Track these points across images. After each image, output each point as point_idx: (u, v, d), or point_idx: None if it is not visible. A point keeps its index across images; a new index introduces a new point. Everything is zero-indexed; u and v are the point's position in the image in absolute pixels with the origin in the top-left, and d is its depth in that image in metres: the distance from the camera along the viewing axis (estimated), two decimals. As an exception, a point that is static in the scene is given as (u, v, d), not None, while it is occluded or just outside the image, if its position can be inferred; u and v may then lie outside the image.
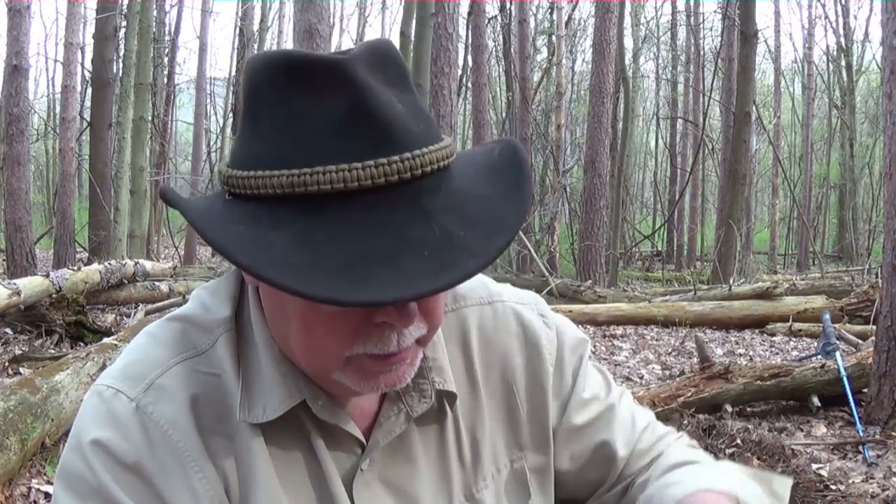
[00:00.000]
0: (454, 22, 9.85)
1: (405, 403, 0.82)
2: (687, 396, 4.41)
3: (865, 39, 25.07)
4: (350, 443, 0.81)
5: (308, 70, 0.66)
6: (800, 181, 23.40)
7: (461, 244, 0.65)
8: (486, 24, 16.87)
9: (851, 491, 3.35)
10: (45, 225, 18.35)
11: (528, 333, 0.92)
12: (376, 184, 0.64)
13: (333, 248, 0.63)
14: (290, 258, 0.62)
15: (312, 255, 0.62)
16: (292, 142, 0.65)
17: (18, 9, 10.16)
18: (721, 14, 18.02)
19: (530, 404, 0.91)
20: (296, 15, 8.83)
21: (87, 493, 0.73)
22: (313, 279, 0.61)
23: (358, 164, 0.64)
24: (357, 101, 0.65)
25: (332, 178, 0.63)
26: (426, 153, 0.67)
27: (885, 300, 4.40)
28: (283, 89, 0.66)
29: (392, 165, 0.65)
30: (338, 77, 0.65)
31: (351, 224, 0.64)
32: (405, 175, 0.65)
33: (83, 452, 0.74)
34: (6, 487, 2.91)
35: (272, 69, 0.68)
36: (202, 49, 20.18)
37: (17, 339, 5.82)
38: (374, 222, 0.64)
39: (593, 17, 14.97)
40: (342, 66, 0.65)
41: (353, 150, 0.64)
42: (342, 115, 0.65)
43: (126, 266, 8.15)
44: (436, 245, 0.64)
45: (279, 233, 0.64)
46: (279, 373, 0.77)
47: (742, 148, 13.04)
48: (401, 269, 0.62)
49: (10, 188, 10.17)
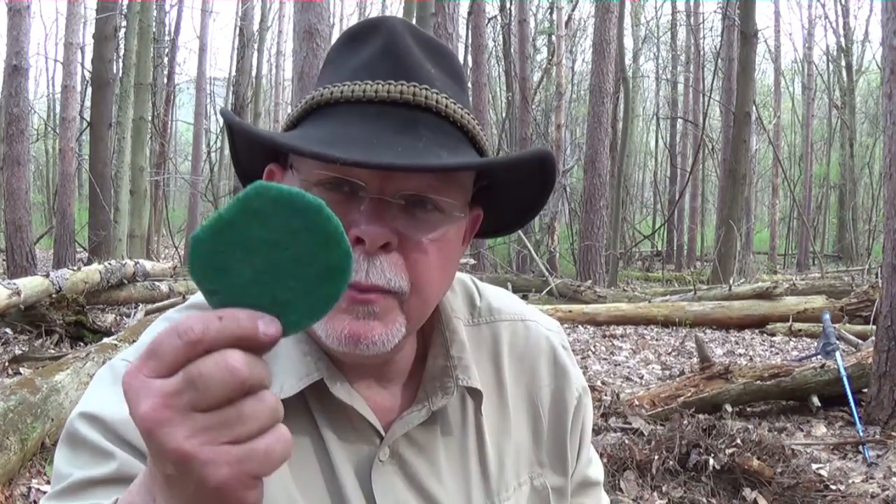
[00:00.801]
0: (454, 22, 9.85)
1: (428, 400, 0.82)
2: (687, 396, 4.41)
3: (865, 39, 25.09)
4: (366, 430, 0.80)
5: (358, 29, 0.81)
6: (800, 181, 23.41)
7: (437, 153, 0.72)
8: (486, 24, 16.87)
9: (851, 491, 3.35)
10: (45, 225, 18.35)
11: (557, 357, 0.94)
12: (379, 97, 0.74)
13: (321, 132, 0.73)
14: (284, 137, 0.74)
15: (301, 134, 0.75)
16: (335, 76, 0.78)
17: (18, 9, 10.16)
18: (721, 14, 18.02)
19: (553, 426, 0.92)
20: (296, 15, 8.83)
21: (84, 450, 0.73)
22: (291, 140, 0.72)
23: (366, 83, 0.75)
24: (385, 46, 0.77)
25: (342, 90, 0.75)
26: (435, 95, 0.75)
27: (885, 300, 4.41)
28: (340, 48, 0.81)
29: (397, 87, 0.74)
30: (377, 29, 0.78)
31: (348, 123, 0.74)
32: (407, 97, 0.74)
33: (87, 416, 0.74)
34: (6, 487, 2.91)
35: (339, 39, 0.82)
36: (202, 49, 20.18)
37: (17, 339, 5.82)
38: (366, 123, 0.73)
39: (593, 17, 14.96)
40: (381, 21, 0.79)
41: (369, 74, 0.76)
42: (371, 55, 0.77)
43: (126, 266, 8.15)
44: (414, 148, 0.72)
45: (303, 129, 0.76)
46: (300, 351, 0.78)
47: (742, 148, 13.04)
48: (372, 149, 0.70)
49: (10, 188, 10.17)
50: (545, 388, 0.93)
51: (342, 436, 0.79)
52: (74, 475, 0.71)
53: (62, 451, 0.74)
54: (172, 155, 24.65)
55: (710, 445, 3.34)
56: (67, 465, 0.72)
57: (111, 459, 0.71)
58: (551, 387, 0.93)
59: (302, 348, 0.78)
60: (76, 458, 0.72)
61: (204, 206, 23.00)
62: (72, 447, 0.74)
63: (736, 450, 3.31)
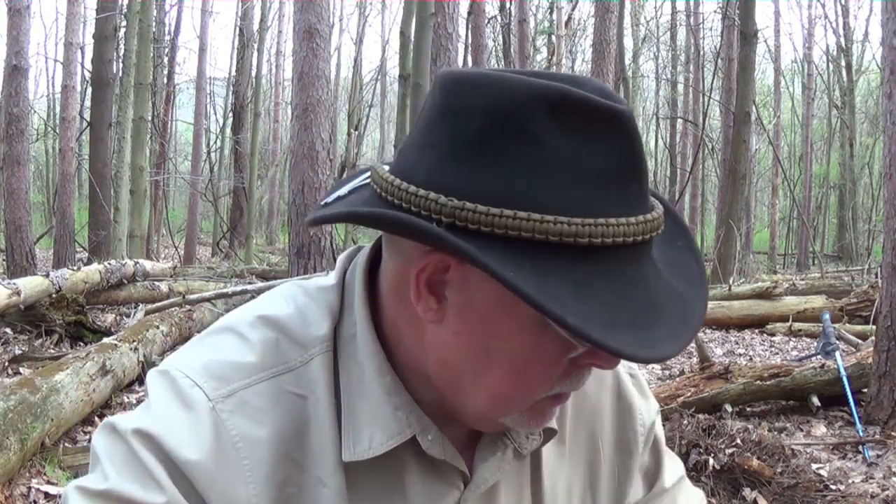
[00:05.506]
0: (454, 22, 9.85)
1: (511, 439, 0.78)
2: (687, 396, 4.41)
3: (865, 39, 25.08)
4: (452, 477, 0.76)
5: (585, 112, 0.62)
6: (799, 181, 23.40)
7: (684, 294, 0.67)
8: (486, 24, 16.87)
9: (851, 491, 3.35)
10: (45, 225, 18.35)
11: (622, 390, 0.89)
12: (644, 238, 0.63)
13: (615, 300, 0.61)
14: (587, 312, 0.59)
15: (601, 306, 0.60)
16: (559, 187, 0.61)
17: (18, 9, 10.15)
18: (721, 14, 18.01)
19: (613, 465, 0.88)
20: (295, 15, 8.83)
21: (134, 466, 0.67)
22: (616, 333, 0.59)
23: (633, 219, 0.63)
24: (630, 153, 0.63)
25: (615, 230, 0.61)
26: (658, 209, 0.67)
27: (885, 300, 4.40)
28: (547, 126, 0.61)
29: (654, 222, 0.64)
30: (618, 126, 0.62)
31: (622, 274, 0.62)
32: (657, 232, 0.65)
33: (146, 437, 0.68)
34: (6, 487, 2.90)
35: (535, 101, 0.61)
36: (202, 49, 20.16)
37: (16, 338, 5.82)
38: (635, 273, 0.64)
39: (593, 17, 14.96)
40: (623, 117, 0.62)
41: (625, 202, 0.63)
42: (614, 166, 0.62)
43: (126, 266, 8.15)
44: (674, 296, 0.65)
45: (558, 281, 0.60)
46: (391, 406, 0.72)
47: (742, 148, 13.04)
48: (666, 323, 0.62)
49: (10, 188, 10.16)
50: (607, 426, 0.87)
51: (427, 482, 0.76)
52: (116, 486, 0.66)
53: (108, 446, 0.69)
54: (172, 155, 24.66)
55: (709, 445, 3.34)
56: (111, 465, 0.68)
57: (161, 492, 0.66)
58: (614, 424, 0.87)
59: (392, 401, 0.72)
60: (124, 467, 0.67)
61: (204, 206, 23.00)
62: (122, 455, 0.68)
63: (736, 450, 3.31)
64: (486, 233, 0.61)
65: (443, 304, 0.67)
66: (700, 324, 0.66)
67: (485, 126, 0.62)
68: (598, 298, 0.60)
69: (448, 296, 0.66)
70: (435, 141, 0.64)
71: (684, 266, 0.70)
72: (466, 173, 0.62)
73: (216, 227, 21.95)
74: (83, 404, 3.84)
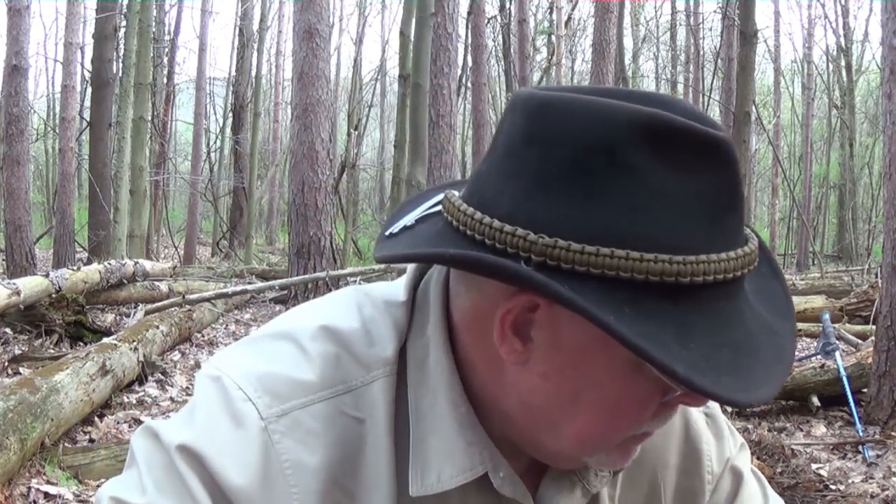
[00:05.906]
0: (454, 22, 9.85)
1: (579, 476, 0.74)
2: (687, 396, 4.41)
3: (865, 39, 25.09)
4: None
5: (685, 141, 0.57)
6: (799, 181, 23.40)
7: (773, 326, 0.63)
8: (486, 23, 16.87)
9: (851, 491, 3.35)
10: (45, 225, 18.34)
11: (690, 432, 0.82)
12: (742, 273, 0.60)
13: (716, 343, 0.58)
14: (691, 359, 0.56)
15: (703, 350, 0.57)
16: (658, 221, 0.57)
17: (18, 8, 10.15)
18: (721, 14, 18.03)
19: None
20: (295, 15, 8.84)
21: (174, 482, 0.64)
22: (720, 379, 0.56)
23: (732, 253, 0.59)
24: (731, 187, 0.59)
25: (716, 267, 0.58)
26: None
27: (885, 300, 4.40)
28: (645, 156, 0.56)
29: (752, 255, 0.61)
30: (718, 156, 0.58)
31: (719, 312, 0.59)
32: (754, 265, 0.62)
33: (191, 455, 0.64)
34: (6, 487, 2.90)
35: (632, 129, 0.57)
36: (202, 49, 20.15)
37: (16, 338, 5.81)
38: (732, 310, 0.60)
39: (593, 17, 14.96)
40: (724, 145, 0.58)
41: (724, 235, 0.59)
42: (715, 198, 0.58)
43: (126, 266, 8.15)
44: (767, 331, 0.62)
45: (657, 322, 0.56)
46: (464, 440, 0.67)
47: (742, 148, 13.02)
48: (762, 362, 0.59)
49: (10, 188, 10.17)
50: (670, 470, 0.81)
51: None
52: (153, 498, 0.63)
53: (148, 454, 0.66)
54: (172, 155, 24.65)
55: (709, 445, 3.34)
56: (149, 477, 0.64)
57: None
58: (678, 469, 0.81)
59: (465, 436, 0.67)
60: (164, 483, 0.64)
61: (204, 206, 22.98)
62: (163, 468, 0.64)
63: (736, 450, 3.31)
64: (580, 272, 0.57)
65: (528, 346, 0.62)
66: (793, 360, 0.64)
67: (577, 156, 0.57)
68: (699, 342, 0.57)
69: (534, 337, 0.62)
70: (519, 170, 0.60)
71: (771, 295, 0.67)
72: (555, 206, 0.58)
73: (216, 227, 21.95)
74: (83, 404, 3.84)
